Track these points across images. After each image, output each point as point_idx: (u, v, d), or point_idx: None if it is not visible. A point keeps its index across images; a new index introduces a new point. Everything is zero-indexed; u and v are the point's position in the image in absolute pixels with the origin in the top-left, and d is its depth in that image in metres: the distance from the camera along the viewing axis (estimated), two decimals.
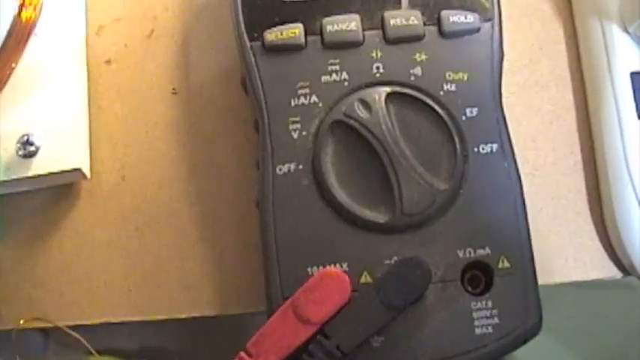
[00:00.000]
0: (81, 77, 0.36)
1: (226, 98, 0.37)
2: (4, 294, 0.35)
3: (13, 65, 0.34)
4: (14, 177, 0.33)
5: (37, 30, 0.35)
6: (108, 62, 0.38)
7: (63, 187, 0.36)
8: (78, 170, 0.35)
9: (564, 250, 0.36)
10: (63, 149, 0.34)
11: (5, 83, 0.33)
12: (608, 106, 0.34)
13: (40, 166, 0.34)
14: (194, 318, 0.35)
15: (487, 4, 0.33)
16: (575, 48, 0.38)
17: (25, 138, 0.33)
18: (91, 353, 0.35)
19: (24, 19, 0.34)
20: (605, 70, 0.35)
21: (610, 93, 0.34)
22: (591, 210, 0.36)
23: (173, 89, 0.37)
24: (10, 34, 0.34)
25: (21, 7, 0.34)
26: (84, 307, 0.35)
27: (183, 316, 0.35)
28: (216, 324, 0.37)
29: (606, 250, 0.36)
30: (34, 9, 0.34)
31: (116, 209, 0.36)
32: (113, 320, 0.35)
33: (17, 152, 0.33)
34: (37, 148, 0.33)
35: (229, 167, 0.36)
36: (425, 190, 0.31)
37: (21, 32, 0.33)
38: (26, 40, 0.34)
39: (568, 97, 0.37)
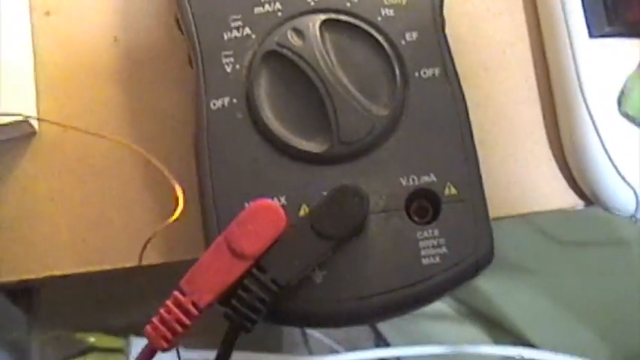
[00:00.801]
0: (24, 29, 0.35)
1: (167, 43, 0.36)
2: None
3: None
4: None
5: None
6: (47, 14, 0.37)
7: (3, 142, 0.35)
8: (25, 122, 0.34)
9: (523, 181, 0.34)
10: (9, 101, 0.33)
11: None
12: (560, 27, 0.33)
13: None
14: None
15: None
16: None
17: None
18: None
19: None
20: None
21: (561, 12, 0.33)
22: (549, 139, 0.35)
23: (115, 38, 0.36)
24: None
25: None
26: (29, 262, 0.34)
27: (130, 265, 0.34)
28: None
29: (567, 179, 0.34)
30: None
31: (59, 162, 0.35)
32: (59, 273, 0.34)
33: None
34: None
35: (172, 112, 0.35)
36: (363, 117, 0.30)
37: None
38: None
39: (521, 24, 0.36)
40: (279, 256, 0.28)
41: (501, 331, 0.82)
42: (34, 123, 0.34)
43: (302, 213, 0.30)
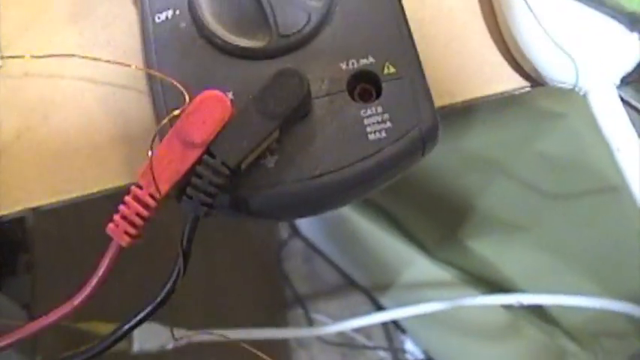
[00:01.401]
0: None
1: None
2: None
3: None
4: None
5: None
6: None
7: None
8: None
9: (467, 69, 0.35)
10: None
11: None
12: None
13: None
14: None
15: None
16: None
17: None
18: None
19: None
20: None
21: None
22: (488, 25, 0.36)
23: None
24: None
25: None
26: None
27: (96, 189, 0.35)
28: None
29: (510, 63, 0.35)
30: None
31: (23, 101, 0.36)
32: (29, 205, 0.35)
33: None
34: None
35: (126, 44, 0.36)
36: (298, 10, 0.31)
37: None
38: None
39: None
40: (228, 140, 0.29)
41: (502, 291, 0.83)
42: None
43: None
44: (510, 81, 0.35)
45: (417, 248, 0.85)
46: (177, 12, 0.32)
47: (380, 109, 0.31)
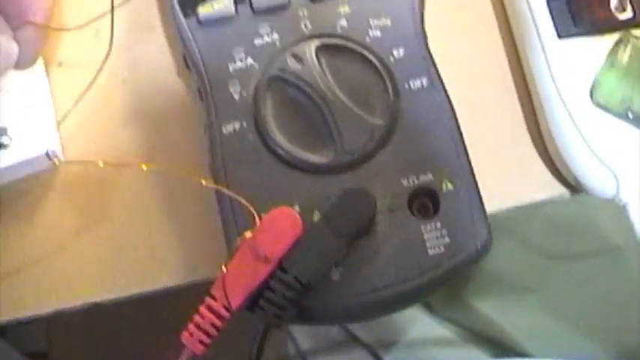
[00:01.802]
0: (40, 77, 0.38)
1: (174, 80, 0.39)
2: None
3: None
4: None
5: None
6: (60, 64, 0.40)
7: (28, 181, 0.37)
8: (51, 154, 0.36)
9: (510, 176, 0.37)
10: (33, 137, 0.36)
11: None
12: (530, 31, 0.36)
13: (13, 155, 0.36)
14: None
15: None
16: None
17: None
18: None
19: None
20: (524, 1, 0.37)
21: (530, 18, 0.36)
22: (530, 134, 0.38)
23: (122, 79, 0.39)
24: None
25: None
26: (60, 293, 0.37)
27: (155, 287, 0.36)
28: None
29: (551, 171, 0.37)
30: None
31: (83, 198, 0.38)
32: (90, 300, 0.36)
33: None
34: (10, 139, 0.35)
35: (184, 145, 0.38)
36: (362, 128, 0.33)
37: None
38: None
39: (494, 34, 0.39)
40: (300, 257, 0.31)
41: (505, 350, 0.84)
42: (60, 154, 0.37)
43: (315, 218, 0.32)
44: (552, 188, 0.37)
45: (421, 306, 0.86)
46: (244, 124, 0.34)
47: (439, 225, 0.32)
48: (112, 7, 0.38)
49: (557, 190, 0.37)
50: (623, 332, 0.77)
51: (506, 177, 0.37)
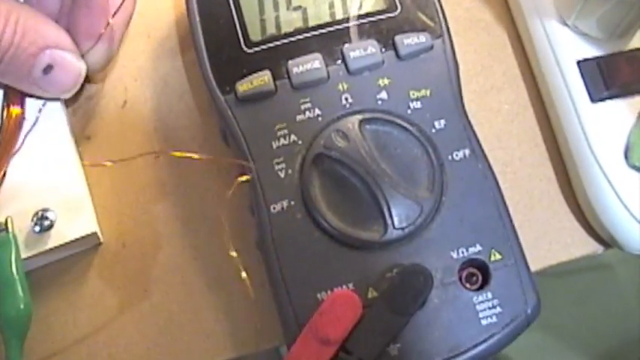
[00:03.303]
0: (72, 151, 0.38)
1: (206, 152, 0.39)
2: None
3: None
4: (35, 252, 0.35)
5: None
6: (88, 138, 0.39)
7: (67, 263, 0.37)
8: (94, 234, 0.37)
9: (546, 236, 0.38)
10: (75, 219, 0.36)
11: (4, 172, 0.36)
12: (563, 96, 0.37)
13: (57, 237, 0.36)
14: None
15: (434, 24, 0.36)
16: (520, 48, 0.41)
17: (40, 214, 0.35)
18: None
19: (13, 114, 0.36)
20: (553, 64, 0.37)
21: (562, 84, 0.37)
22: (564, 194, 0.39)
23: (155, 153, 0.39)
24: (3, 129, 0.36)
25: (8, 104, 0.36)
26: None
27: None
28: None
29: (585, 228, 0.38)
30: (20, 104, 0.37)
31: (122, 275, 0.37)
32: None
33: (33, 229, 0.35)
34: (52, 222, 0.35)
35: (220, 217, 0.38)
36: (411, 203, 0.33)
37: (12, 125, 0.36)
38: (18, 131, 0.36)
39: (523, 95, 0.40)
40: (362, 337, 0.31)
41: None
42: (100, 235, 0.37)
43: (370, 295, 0.33)
44: (587, 246, 0.38)
45: None
46: (292, 202, 0.34)
47: (490, 295, 0.33)
48: None
49: (592, 246, 0.38)
50: (618, 350, 0.79)
51: (541, 236, 0.38)
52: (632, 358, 0.76)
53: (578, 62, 0.37)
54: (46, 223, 0.35)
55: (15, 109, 0.37)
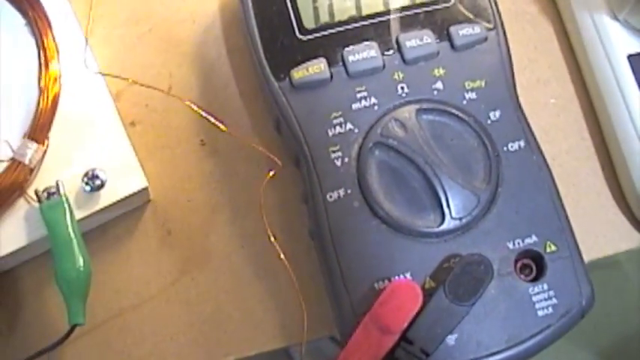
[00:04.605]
0: (112, 110, 0.38)
1: (254, 140, 0.38)
2: None
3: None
4: (88, 213, 0.35)
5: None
6: (132, 124, 0.39)
7: (112, 250, 0.37)
8: (145, 190, 0.37)
9: (593, 229, 0.38)
10: (124, 176, 0.36)
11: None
12: (613, 90, 0.37)
13: (109, 195, 0.36)
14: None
15: (489, 15, 0.36)
16: (566, 42, 0.41)
17: (90, 174, 0.35)
18: None
19: (51, 76, 0.37)
20: (603, 58, 0.38)
21: (612, 78, 0.37)
22: (610, 187, 0.39)
23: (201, 141, 0.39)
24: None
25: (46, 66, 0.37)
26: None
27: (253, 353, 0.36)
28: None
29: (631, 221, 0.39)
30: (54, 81, 0.37)
31: (169, 263, 0.37)
32: None
33: (84, 189, 0.35)
34: (103, 181, 0.35)
35: (269, 206, 0.38)
36: (469, 193, 0.33)
37: (52, 88, 0.36)
38: (58, 93, 0.37)
39: (569, 88, 0.40)
40: (424, 327, 0.31)
41: None
42: (151, 191, 0.38)
43: (427, 285, 0.33)
44: (633, 239, 0.38)
45: None
46: (349, 191, 0.34)
47: (546, 287, 0.33)
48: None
49: (638, 240, 0.38)
50: (624, 347, 0.80)
51: (587, 229, 0.38)
52: (635, 353, 0.77)
53: (629, 56, 0.37)
54: (97, 182, 0.35)
55: (53, 71, 0.37)
